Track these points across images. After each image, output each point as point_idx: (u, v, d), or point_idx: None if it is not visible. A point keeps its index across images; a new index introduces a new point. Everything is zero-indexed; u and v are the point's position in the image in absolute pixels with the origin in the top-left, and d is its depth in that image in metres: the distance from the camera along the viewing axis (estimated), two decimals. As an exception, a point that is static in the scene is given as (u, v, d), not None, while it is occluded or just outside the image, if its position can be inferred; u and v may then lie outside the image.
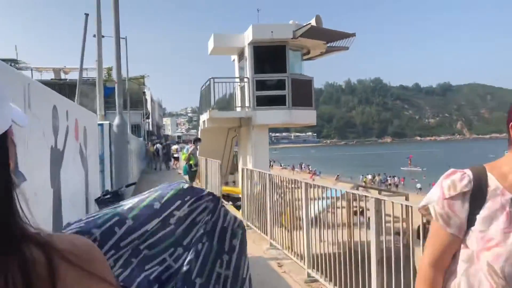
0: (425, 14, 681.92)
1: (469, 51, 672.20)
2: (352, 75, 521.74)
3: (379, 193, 8.73)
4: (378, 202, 3.33)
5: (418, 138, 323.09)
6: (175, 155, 29.60)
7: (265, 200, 7.05)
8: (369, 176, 52.60)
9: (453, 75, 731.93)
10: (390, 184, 47.44)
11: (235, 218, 1.79)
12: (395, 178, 49.68)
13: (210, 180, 13.75)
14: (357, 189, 8.55)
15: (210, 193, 1.75)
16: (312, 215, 5.57)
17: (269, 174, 6.68)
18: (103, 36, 9.31)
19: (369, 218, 5.96)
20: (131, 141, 15.19)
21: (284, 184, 6.53)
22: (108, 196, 4.76)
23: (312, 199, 5.56)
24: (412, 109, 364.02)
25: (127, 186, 5.03)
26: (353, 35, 14.81)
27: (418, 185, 43.50)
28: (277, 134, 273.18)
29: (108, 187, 7.23)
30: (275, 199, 6.75)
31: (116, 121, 7.13)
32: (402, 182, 49.92)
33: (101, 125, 7.40)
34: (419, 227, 3.36)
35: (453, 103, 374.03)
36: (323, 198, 5.48)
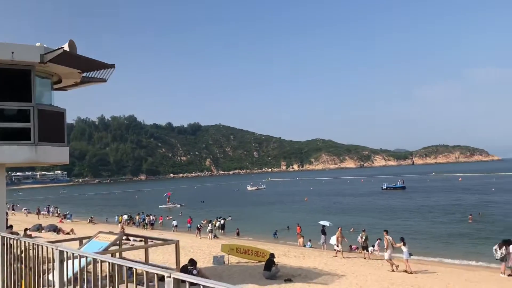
0: (171, 59, 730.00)
1: (216, 96, 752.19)
2: (105, 111, 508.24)
3: (146, 242, 7.78)
4: (176, 282, 2.43)
5: (172, 175, 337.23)
6: None
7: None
8: (125, 217, 50.73)
9: (202, 117, 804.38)
10: (147, 223, 46.75)
11: None
12: (151, 216, 49.19)
13: None
14: (121, 241, 7.42)
15: None
16: (68, 277, 4.32)
17: (2, 236, 4.88)
18: None
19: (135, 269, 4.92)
20: None
21: (24, 243, 4.88)
22: None
23: (67, 259, 4.28)
24: (166, 147, 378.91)
25: None
26: (113, 66, 13.69)
27: (174, 222, 44.31)
28: (19, 174, 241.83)
29: None
30: (12, 264, 4.99)
31: None
32: (160, 221, 50.06)
33: None
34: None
35: (202, 142, 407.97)
36: (80, 257, 4.22)
